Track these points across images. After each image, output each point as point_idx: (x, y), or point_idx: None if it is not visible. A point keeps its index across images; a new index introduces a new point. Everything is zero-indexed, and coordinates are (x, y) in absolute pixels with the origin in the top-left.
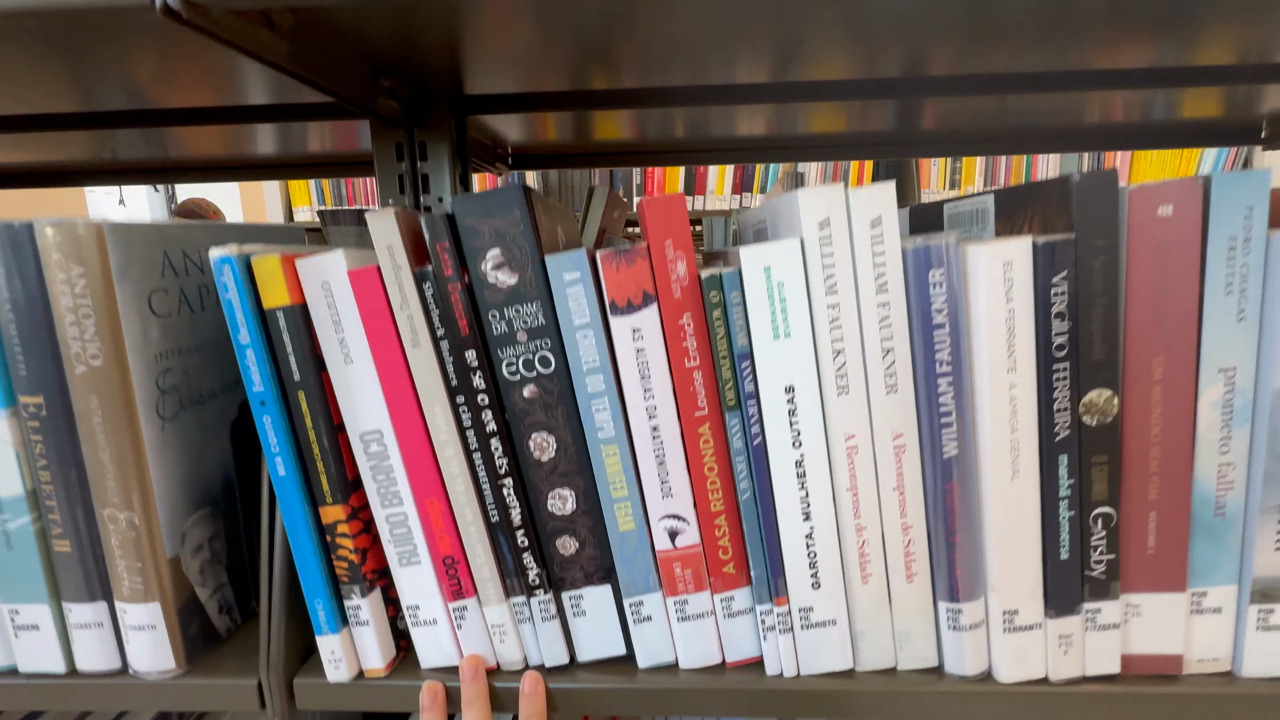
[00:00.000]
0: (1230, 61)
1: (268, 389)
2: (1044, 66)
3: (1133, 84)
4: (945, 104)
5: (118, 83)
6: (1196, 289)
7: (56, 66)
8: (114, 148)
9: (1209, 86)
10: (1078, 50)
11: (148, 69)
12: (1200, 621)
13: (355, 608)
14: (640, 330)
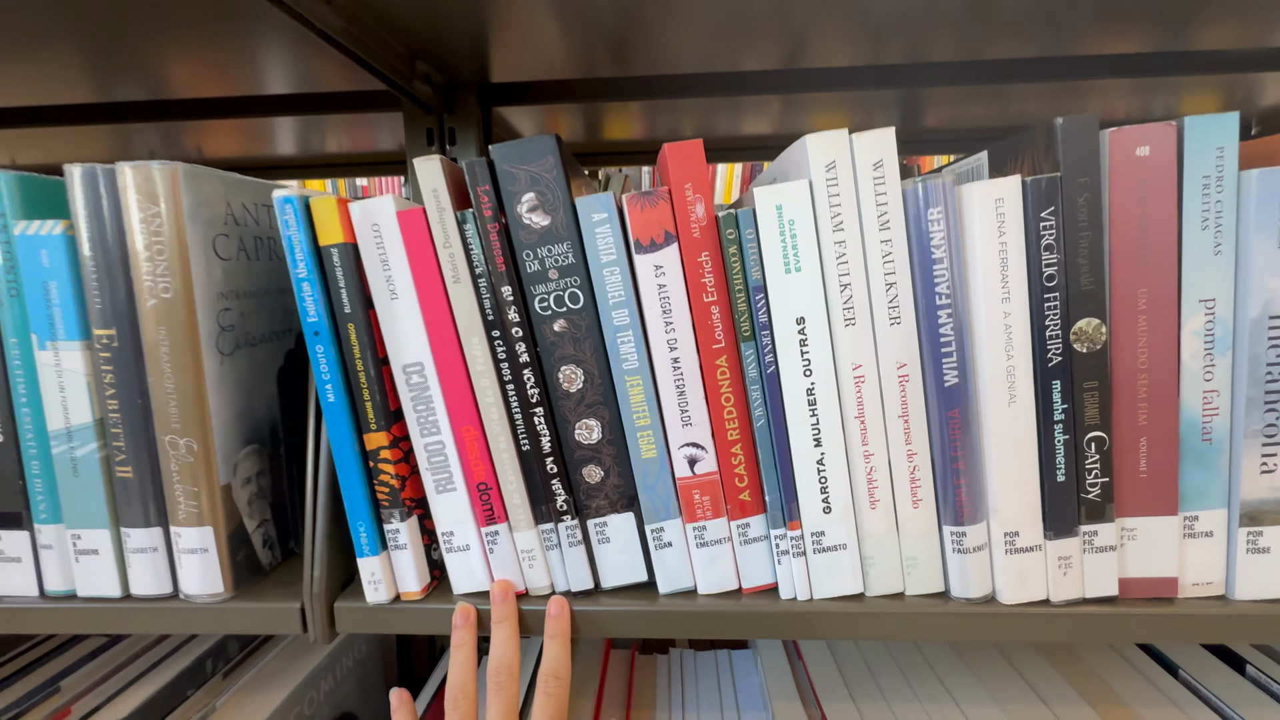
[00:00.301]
0: (1220, 48)
1: (321, 320)
2: (1041, 53)
3: (1131, 72)
4: (948, 102)
5: (145, 71)
6: (1175, 224)
7: (89, 52)
8: (132, 148)
9: (1203, 77)
10: (1074, 40)
11: (179, 56)
12: (1193, 545)
13: (394, 531)
14: (662, 267)
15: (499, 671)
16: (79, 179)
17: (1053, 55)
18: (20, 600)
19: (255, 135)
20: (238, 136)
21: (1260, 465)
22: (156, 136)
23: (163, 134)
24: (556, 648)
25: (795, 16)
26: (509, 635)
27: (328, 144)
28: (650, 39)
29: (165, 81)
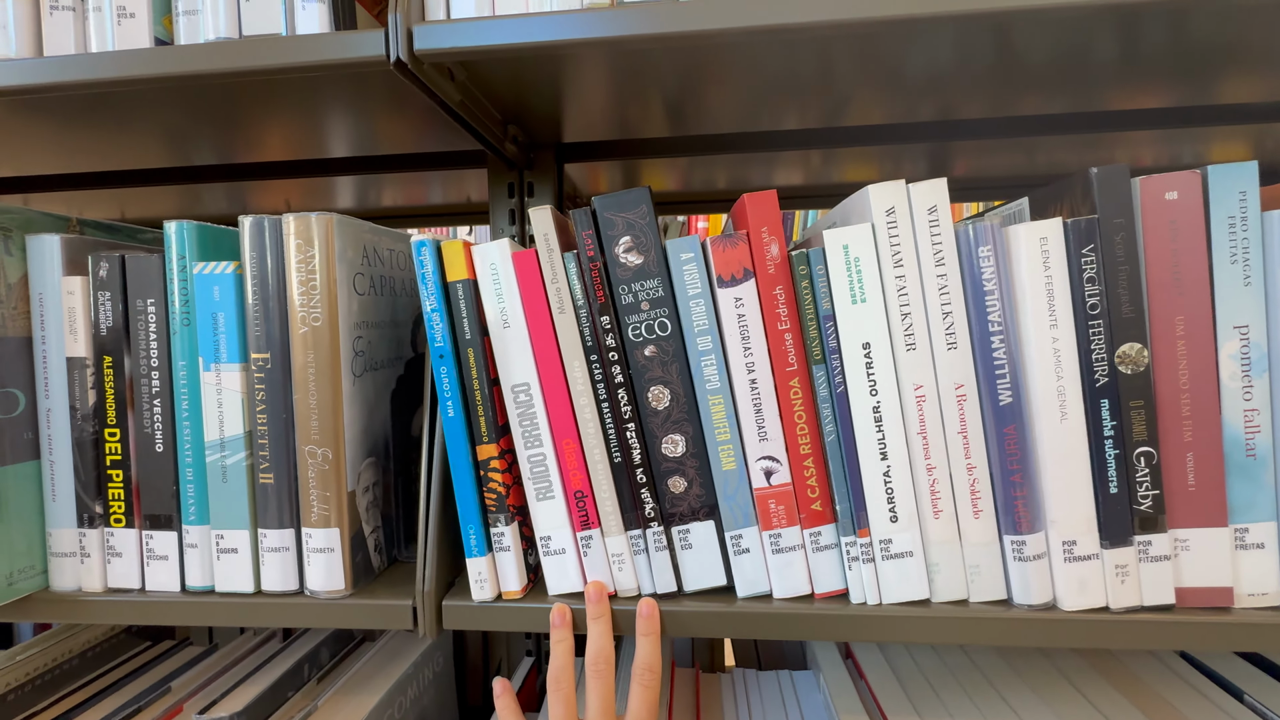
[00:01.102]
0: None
1: (446, 345)
2: (1066, 109)
3: (1152, 124)
4: (975, 151)
5: (274, 138)
6: (1205, 258)
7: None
8: (261, 204)
9: (1218, 128)
10: (1097, 96)
11: (310, 123)
12: (1245, 556)
13: (499, 535)
14: (741, 299)
15: (598, 661)
16: (249, 227)
17: (1076, 110)
18: (164, 595)
19: (313, 193)
20: (296, 195)
21: None
22: (221, 193)
23: (224, 192)
24: (649, 645)
25: (835, 80)
26: (605, 630)
27: (383, 199)
28: (699, 105)
29: (294, 144)
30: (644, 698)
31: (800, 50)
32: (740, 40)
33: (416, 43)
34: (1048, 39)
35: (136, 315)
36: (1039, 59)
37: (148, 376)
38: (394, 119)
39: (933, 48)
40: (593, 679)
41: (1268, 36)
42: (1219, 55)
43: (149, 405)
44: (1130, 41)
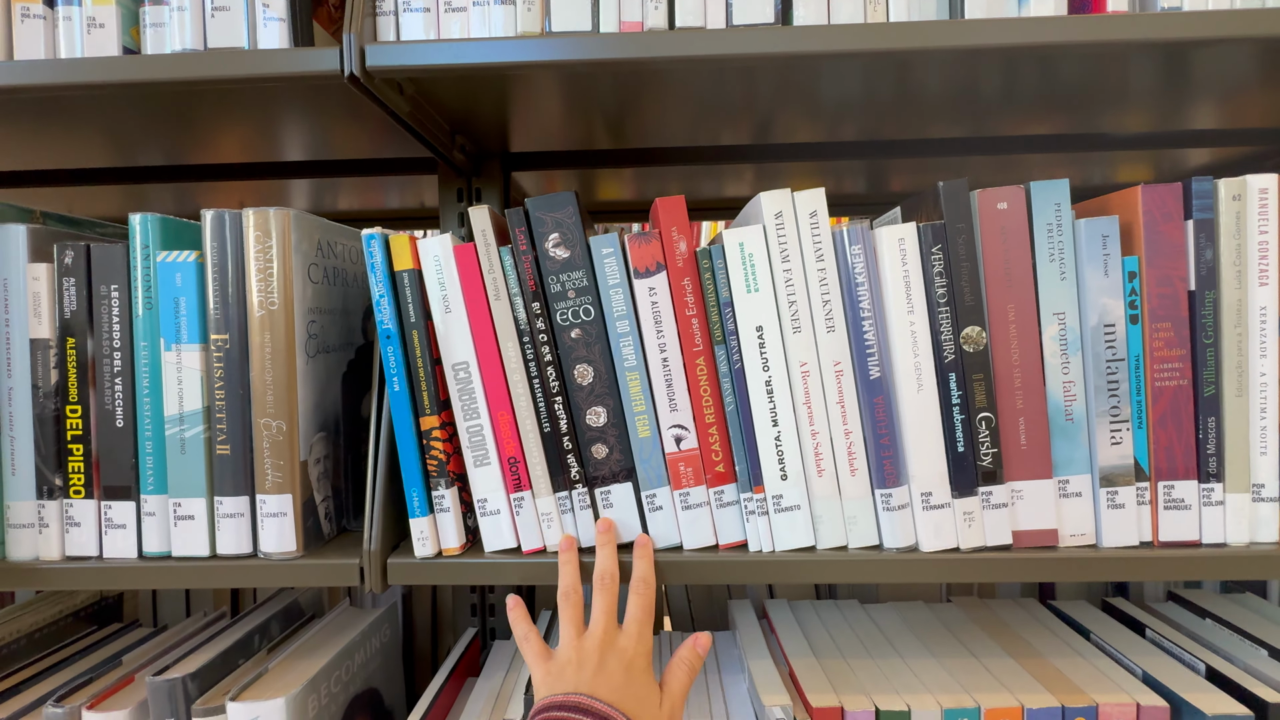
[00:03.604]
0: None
1: (393, 327)
2: (967, 134)
3: (1042, 148)
4: (898, 171)
5: (226, 142)
6: (1029, 257)
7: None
8: (212, 203)
9: (1099, 153)
10: (991, 122)
11: (263, 130)
12: (1067, 503)
13: (440, 497)
14: (654, 289)
15: (604, 577)
16: (210, 220)
17: (976, 135)
18: (122, 561)
19: (266, 193)
20: (284, 196)
21: (1110, 438)
22: (169, 195)
23: (171, 194)
24: (644, 564)
25: (760, 102)
26: (610, 554)
27: (368, 202)
28: (637, 121)
29: (252, 148)
30: (639, 603)
31: (727, 76)
32: (666, 67)
33: (369, 60)
34: (942, 74)
35: (100, 300)
36: (935, 90)
37: (110, 356)
38: (348, 127)
39: (842, 79)
40: (598, 592)
41: (1121, 78)
42: (1090, 92)
43: (110, 383)
44: (1013, 78)
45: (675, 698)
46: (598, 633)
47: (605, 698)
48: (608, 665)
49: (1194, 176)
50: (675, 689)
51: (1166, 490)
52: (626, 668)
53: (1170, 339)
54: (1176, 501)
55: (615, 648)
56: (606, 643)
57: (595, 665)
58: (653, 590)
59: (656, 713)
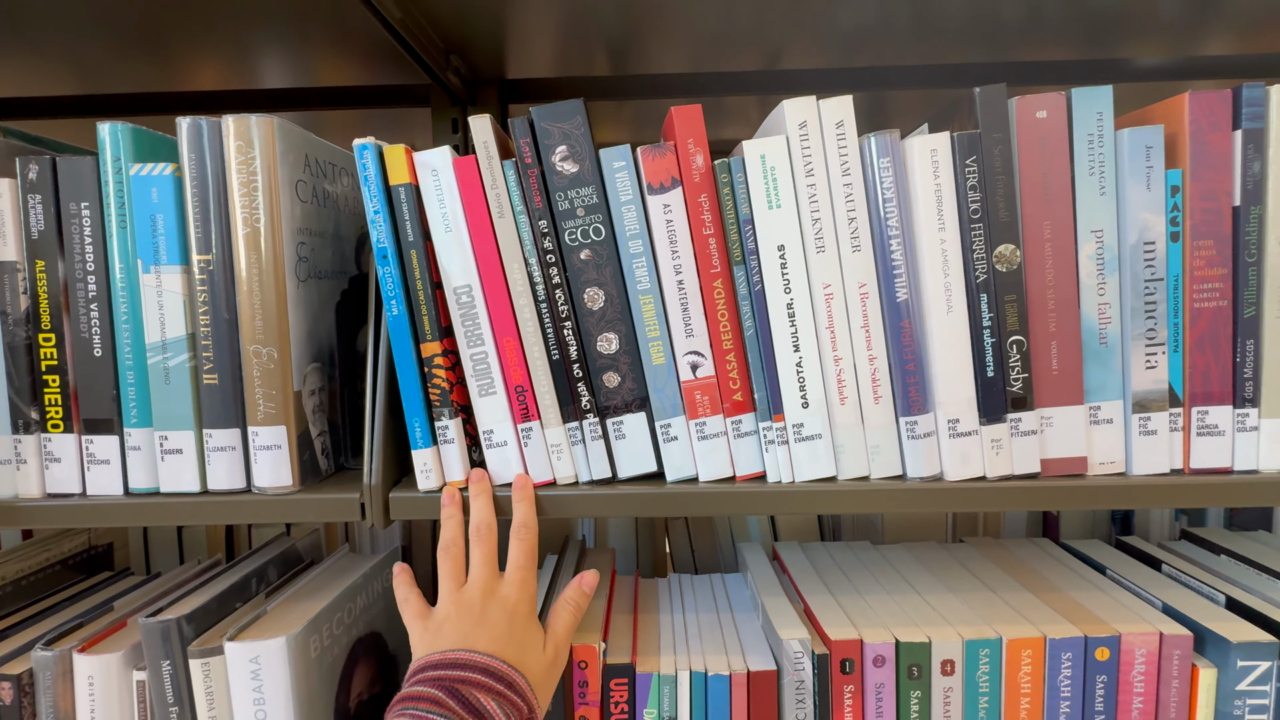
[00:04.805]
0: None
1: (389, 246)
2: (982, 59)
3: (1054, 77)
4: (908, 103)
5: (189, 63)
6: (1068, 171)
7: (136, 43)
8: None
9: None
10: (1010, 48)
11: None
12: (1097, 430)
13: (444, 428)
14: (669, 206)
15: (480, 528)
16: (187, 128)
17: (990, 61)
18: (107, 498)
19: None
20: None
21: (1145, 362)
22: None
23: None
24: (524, 508)
25: (771, 29)
26: (485, 504)
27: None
28: (644, 43)
29: (229, 73)
30: (519, 549)
31: None
32: None
33: None
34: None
35: (70, 218)
36: (956, 12)
37: (83, 280)
38: (335, 45)
39: None
40: (475, 543)
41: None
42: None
43: (86, 309)
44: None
45: (559, 638)
46: (477, 583)
47: (485, 649)
48: (489, 615)
49: (1245, 83)
50: (559, 630)
51: (1200, 416)
52: (508, 616)
53: (1212, 257)
54: (1210, 428)
55: (496, 596)
56: (487, 592)
57: (476, 617)
58: (534, 535)
59: (539, 656)
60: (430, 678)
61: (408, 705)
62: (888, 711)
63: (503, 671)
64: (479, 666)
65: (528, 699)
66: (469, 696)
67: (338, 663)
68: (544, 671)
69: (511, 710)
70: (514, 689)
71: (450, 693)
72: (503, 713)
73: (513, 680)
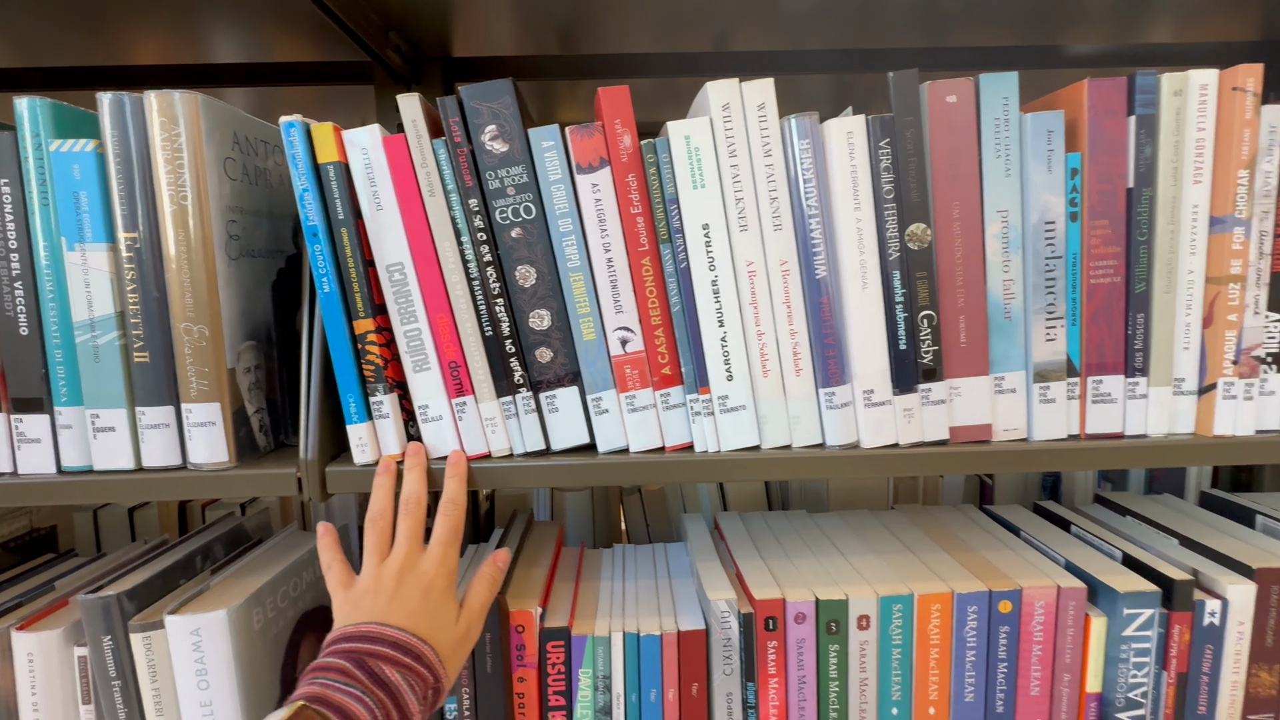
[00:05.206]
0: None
1: (319, 224)
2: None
3: (996, 62)
4: (856, 87)
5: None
6: (976, 153)
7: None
8: None
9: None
10: (950, 34)
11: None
12: (1001, 399)
13: (379, 403)
14: (598, 185)
15: (408, 500)
16: (108, 104)
17: (940, 46)
18: (39, 476)
19: None
20: None
21: (1045, 335)
22: None
23: None
24: (455, 484)
25: (722, 10)
26: (418, 477)
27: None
28: (595, 21)
29: (166, 47)
30: (444, 524)
31: None
32: None
33: None
34: None
35: None
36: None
37: (6, 259)
38: (278, 18)
39: None
40: (403, 516)
41: None
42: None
43: (9, 288)
44: None
45: (474, 613)
46: (398, 558)
47: (397, 622)
48: (404, 590)
49: (1139, 71)
50: (474, 604)
51: (1095, 385)
52: (424, 591)
53: (1107, 236)
54: (1104, 396)
55: (415, 571)
56: (406, 567)
57: (391, 592)
58: (461, 511)
59: (451, 629)
60: (342, 650)
61: (318, 675)
62: (808, 665)
63: (411, 645)
64: (389, 640)
65: (435, 670)
66: (375, 668)
67: (283, 635)
68: (455, 643)
69: (416, 680)
70: (421, 661)
71: (358, 664)
72: (407, 683)
73: (420, 653)
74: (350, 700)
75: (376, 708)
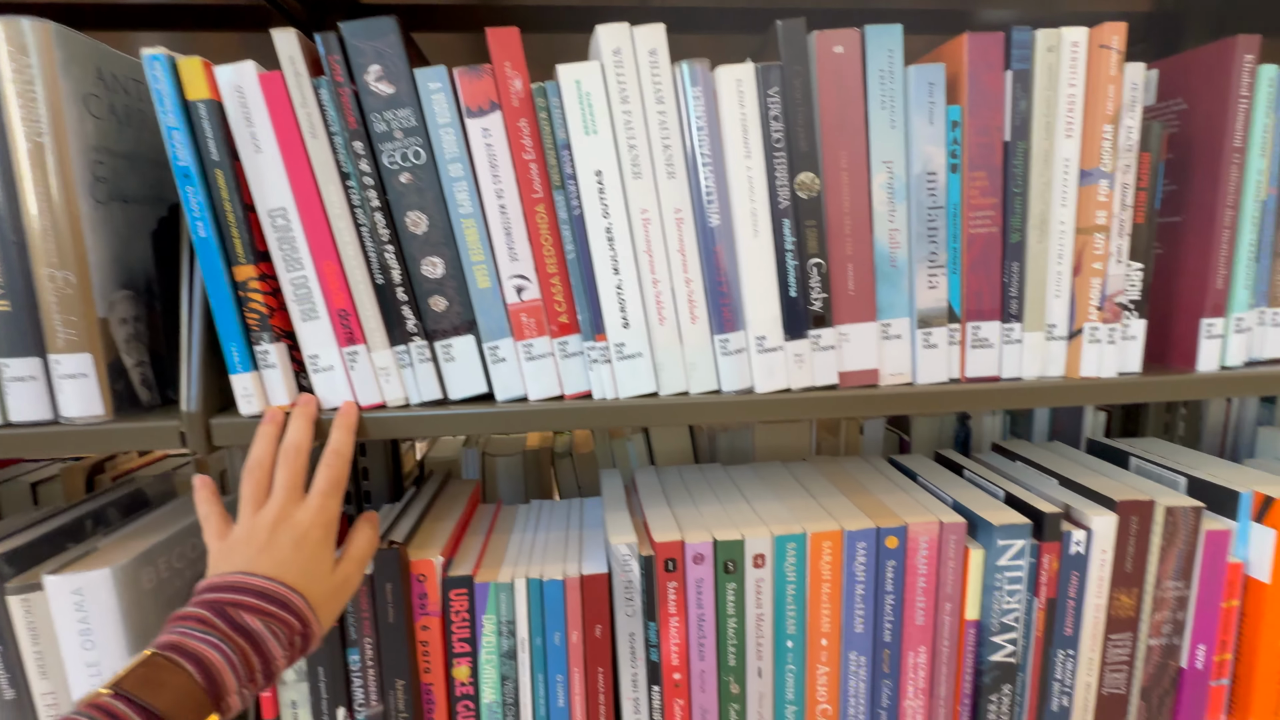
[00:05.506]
0: None
1: (190, 165)
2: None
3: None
4: None
5: None
6: (862, 103)
7: None
8: None
9: None
10: None
11: None
12: (888, 345)
13: (264, 352)
14: (489, 129)
15: (289, 449)
16: None
17: (860, 8)
18: None
19: None
20: None
21: (928, 283)
22: None
23: None
24: (341, 434)
25: None
26: (301, 426)
27: None
28: None
29: None
30: (325, 475)
31: None
32: None
33: None
34: None
35: None
36: None
37: None
38: None
39: None
40: (282, 465)
41: None
42: None
43: None
44: None
45: (352, 562)
46: (273, 508)
47: (265, 572)
48: (277, 540)
49: (1015, 27)
50: (353, 553)
51: (974, 331)
52: (297, 541)
53: (985, 188)
54: (983, 341)
55: (289, 521)
56: (281, 518)
57: (263, 541)
58: (343, 462)
59: (327, 578)
60: (206, 600)
61: (178, 624)
62: (707, 603)
63: (277, 593)
64: (253, 589)
65: (303, 616)
66: (235, 616)
67: (180, 595)
68: (330, 592)
69: (280, 628)
70: (288, 608)
71: (218, 612)
72: (269, 630)
73: (287, 600)
74: (206, 647)
75: (234, 653)
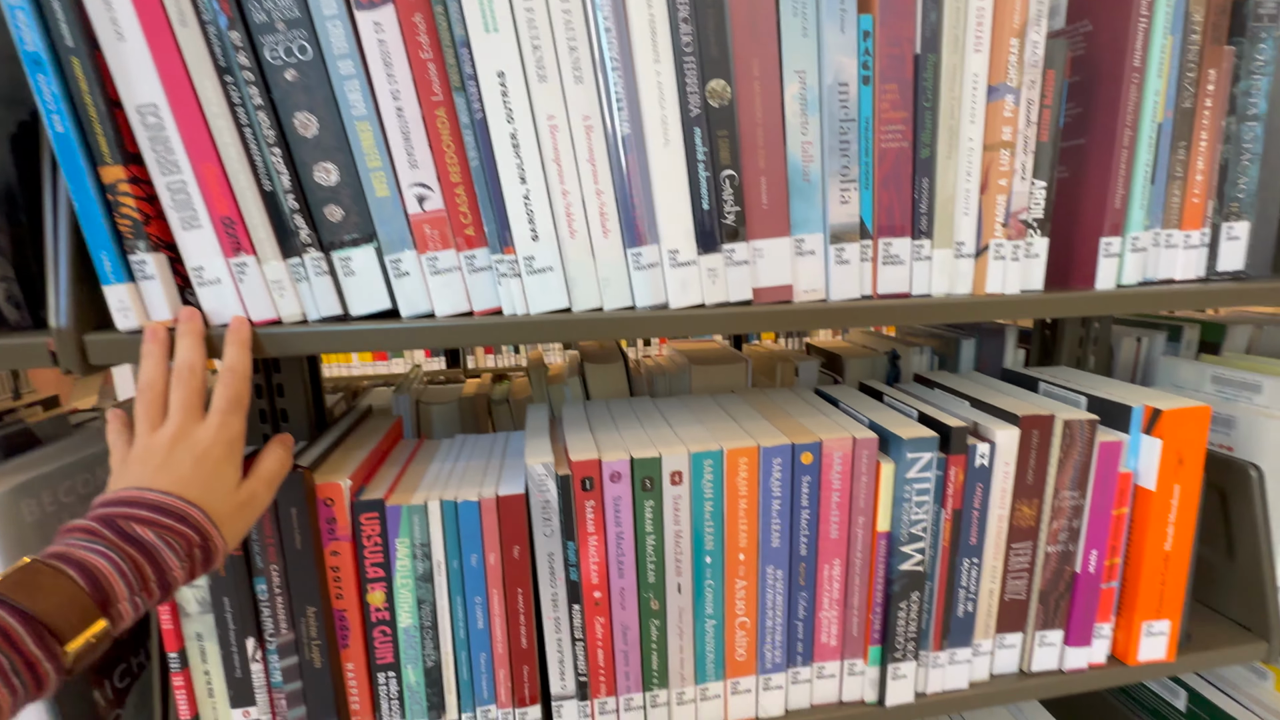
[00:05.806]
0: None
1: (40, 51)
2: None
3: None
4: None
5: None
6: (774, 9)
7: None
8: None
9: None
10: None
11: None
12: (802, 261)
13: (140, 262)
14: (381, 24)
15: (181, 369)
16: None
17: None
18: None
19: None
20: None
21: (840, 198)
22: None
23: None
24: (235, 351)
25: None
26: (191, 344)
27: None
28: None
29: None
30: (222, 393)
31: None
32: None
33: None
34: None
35: None
36: None
37: None
38: None
39: None
40: (176, 385)
41: None
42: None
43: None
44: None
45: (260, 480)
46: (170, 428)
47: (162, 487)
48: (175, 458)
49: None
50: (260, 472)
51: (885, 247)
52: (198, 459)
53: (896, 101)
54: (893, 258)
55: (188, 440)
56: (178, 436)
57: (160, 460)
58: (240, 380)
59: (231, 495)
60: (97, 515)
61: (66, 535)
62: (625, 521)
63: (173, 506)
64: (147, 503)
65: (203, 529)
66: (125, 527)
67: None
68: (235, 509)
69: (177, 540)
70: (185, 521)
71: (107, 524)
72: (164, 541)
73: (184, 514)
74: (92, 555)
75: (124, 562)
